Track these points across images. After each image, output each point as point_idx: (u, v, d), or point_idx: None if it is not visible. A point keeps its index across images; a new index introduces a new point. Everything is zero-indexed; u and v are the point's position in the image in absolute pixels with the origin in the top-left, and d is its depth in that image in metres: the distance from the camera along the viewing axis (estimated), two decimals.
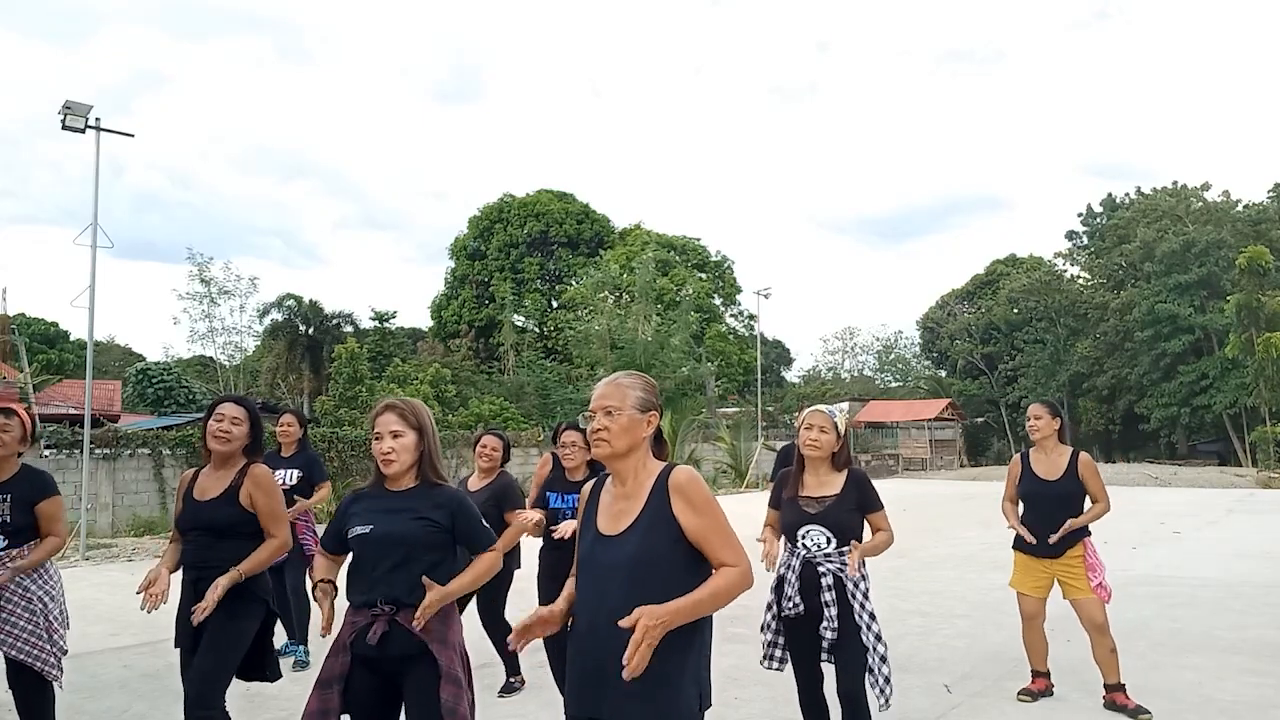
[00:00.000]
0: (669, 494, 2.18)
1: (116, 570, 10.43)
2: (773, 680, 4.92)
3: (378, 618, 2.68)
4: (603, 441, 2.23)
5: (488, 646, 5.19)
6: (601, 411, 2.24)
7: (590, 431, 2.27)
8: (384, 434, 2.80)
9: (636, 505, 2.19)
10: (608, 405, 2.24)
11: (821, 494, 3.66)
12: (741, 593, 2.09)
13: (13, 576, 3.66)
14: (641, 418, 2.26)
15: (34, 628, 3.69)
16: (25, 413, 3.93)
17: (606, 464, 2.29)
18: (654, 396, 2.32)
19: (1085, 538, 4.72)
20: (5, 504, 3.71)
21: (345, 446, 18.55)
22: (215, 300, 31.76)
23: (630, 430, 2.23)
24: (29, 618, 3.69)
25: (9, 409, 3.89)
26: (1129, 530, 12.64)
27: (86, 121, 12.19)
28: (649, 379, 2.37)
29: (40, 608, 3.74)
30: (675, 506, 2.16)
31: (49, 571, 3.88)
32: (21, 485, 3.78)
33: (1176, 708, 4.68)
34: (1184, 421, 41.58)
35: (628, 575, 2.11)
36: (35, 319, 41.23)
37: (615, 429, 2.22)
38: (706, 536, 2.13)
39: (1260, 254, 33.59)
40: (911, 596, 7.99)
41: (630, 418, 2.23)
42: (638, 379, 2.33)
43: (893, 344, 59.23)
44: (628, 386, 2.28)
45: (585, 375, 30.52)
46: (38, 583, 3.79)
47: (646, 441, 2.28)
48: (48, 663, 3.70)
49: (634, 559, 2.10)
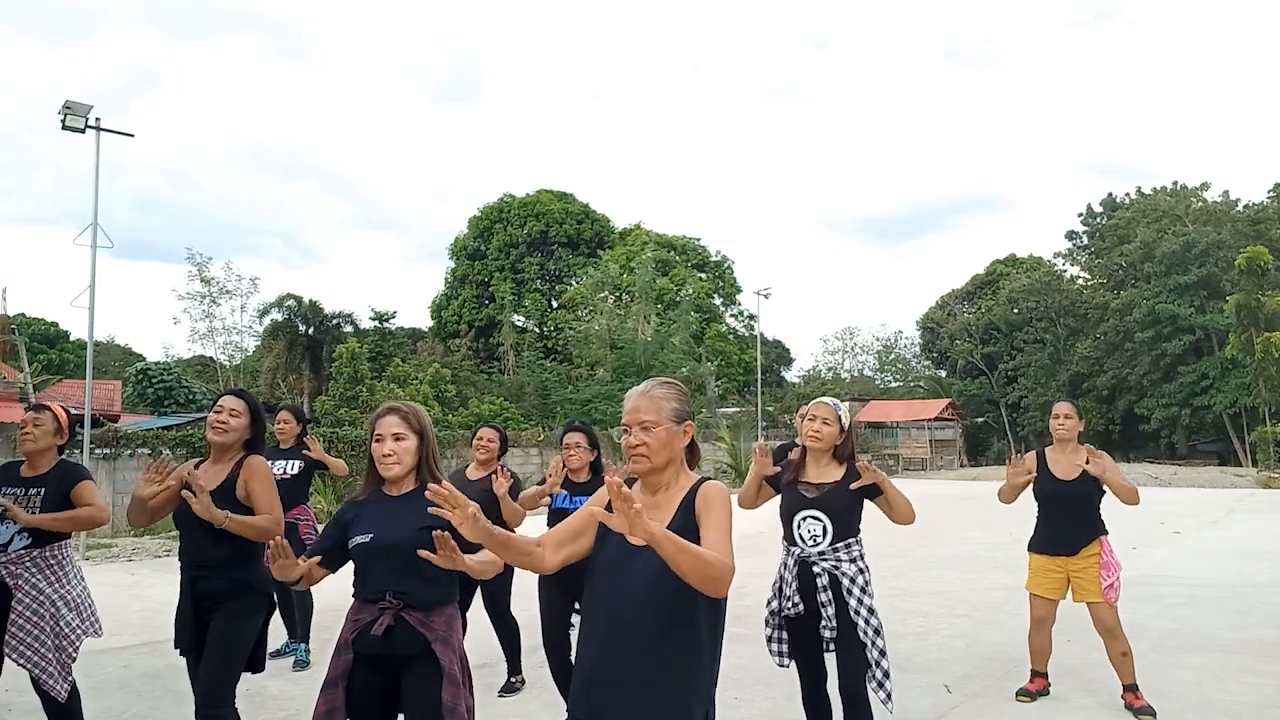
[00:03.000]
0: (695, 506, 2.16)
1: (116, 570, 10.44)
2: (773, 680, 4.92)
3: (385, 610, 2.68)
4: (642, 458, 2.19)
5: (487, 647, 5.20)
6: (638, 427, 2.19)
7: (627, 447, 2.22)
8: (385, 436, 2.79)
9: (665, 516, 2.16)
10: (643, 420, 2.19)
11: (821, 480, 3.65)
12: (712, 583, 1.99)
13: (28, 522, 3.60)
14: (678, 429, 2.22)
15: (40, 634, 3.60)
16: (59, 409, 3.94)
17: (643, 478, 2.26)
18: (688, 405, 2.28)
19: (1102, 535, 4.71)
20: (38, 496, 3.70)
21: (345, 446, 18.54)
22: (215, 300, 31.76)
23: (669, 444, 2.20)
24: (36, 622, 3.61)
25: (43, 405, 3.92)
26: (1129, 530, 12.62)
27: (86, 121, 12.18)
28: (681, 386, 2.32)
29: (50, 612, 3.64)
30: (697, 510, 2.14)
31: (67, 573, 3.79)
32: (56, 479, 3.78)
33: (1176, 708, 4.68)
34: (1184, 422, 41.54)
35: (649, 586, 2.08)
36: (35, 319, 41.24)
37: (654, 444, 2.18)
38: (707, 531, 2.10)
39: (1260, 254, 33.57)
40: (911, 596, 7.99)
41: (668, 431, 2.20)
42: (671, 388, 2.28)
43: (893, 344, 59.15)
44: (661, 398, 2.22)
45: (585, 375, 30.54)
46: (52, 584, 3.71)
47: (683, 452, 2.25)
48: (48, 673, 3.57)
49: (658, 570, 2.02)
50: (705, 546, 2.04)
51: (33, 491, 3.72)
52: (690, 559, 1.93)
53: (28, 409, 3.92)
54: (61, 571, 3.79)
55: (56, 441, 3.86)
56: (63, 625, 3.68)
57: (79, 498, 3.78)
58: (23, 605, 3.63)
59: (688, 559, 1.92)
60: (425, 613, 2.71)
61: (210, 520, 3.16)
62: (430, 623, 2.71)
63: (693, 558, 1.93)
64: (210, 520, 3.16)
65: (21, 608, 3.63)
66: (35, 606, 3.64)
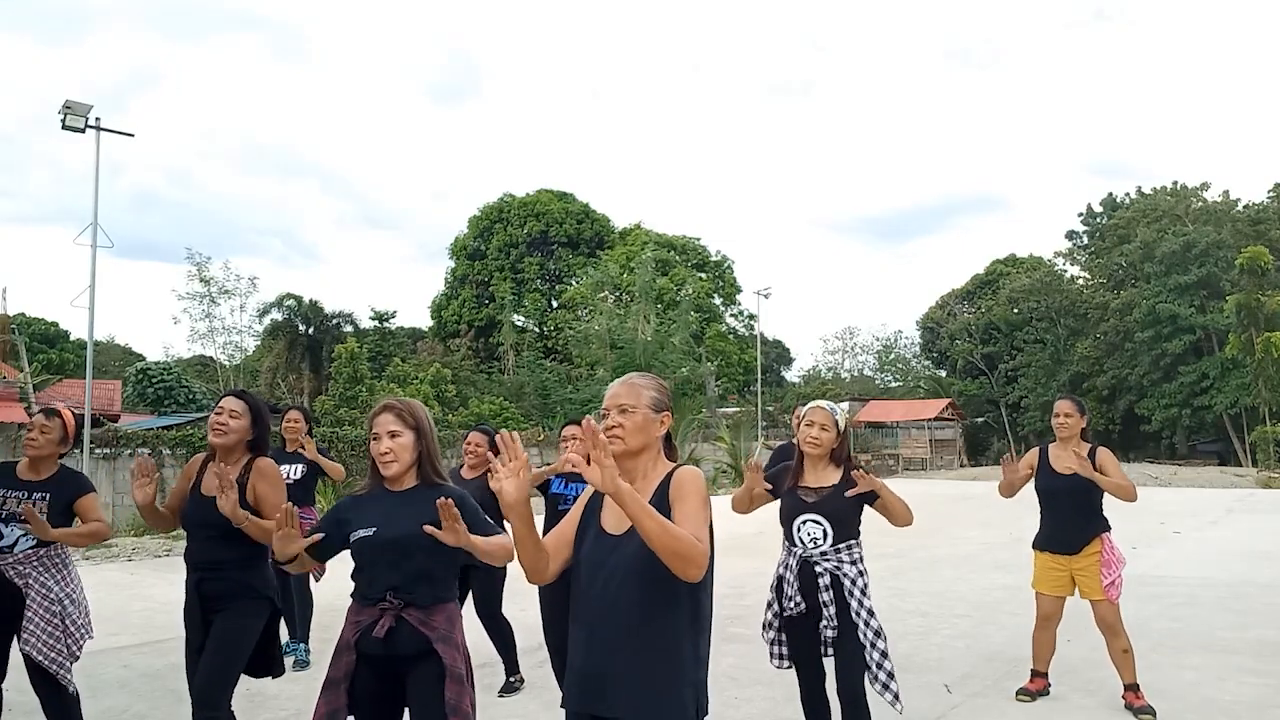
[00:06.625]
0: (668, 493, 2.18)
1: (116, 570, 10.43)
2: (773, 680, 4.92)
3: (385, 612, 2.68)
4: (616, 439, 2.24)
5: (488, 647, 5.20)
6: (616, 410, 2.26)
7: (604, 429, 2.26)
8: (382, 434, 2.81)
9: None
10: (622, 404, 2.27)
11: (819, 485, 3.66)
12: (681, 560, 1.99)
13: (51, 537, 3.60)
14: (655, 417, 2.29)
15: (53, 629, 3.66)
16: (70, 415, 3.93)
17: (618, 462, 2.28)
18: (667, 397, 2.34)
19: (1105, 533, 4.72)
20: (44, 502, 3.70)
21: (345, 446, 18.56)
22: (215, 300, 31.81)
23: (644, 429, 2.26)
24: (48, 618, 3.66)
25: (53, 410, 3.90)
26: (1129, 530, 12.61)
27: (86, 121, 12.21)
28: (661, 380, 2.39)
29: (60, 609, 3.70)
30: (670, 496, 2.17)
31: (70, 573, 3.84)
32: (59, 486, 3.78)
33: (1176, 708, 4.68)
34: (1184, 422, 41.55)
35: (628, 573, 2.12)
36: (35, 319, 41.25)
37: (630, 426, 2.25)
38: (679, 516, 2.11)
39: (1260, 254, 33.58)
40: (911, 596, 7.99)
41: (644, 416, 2.26)
42: (651, 380, 2.35)
43: (893, 344, 59.14)
44: (642, 386, 2.30)
45: (585, 375, 30.51)
46: (60, 583, 3.75)
47: (658, 442, 2.31)
48: (64, 665, 3.66)
49: (636, 557, 2.10)
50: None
51: (38, 496, 3.72)
52: (654, 524, 1.96)
53: (37, 413, 3.90)
54: (65, 571, 3.83)
55: (61, 449, 3.87)
56: (69, 623, 3.73)
57: (84, 511, 3.80)
58: (37, 604, 3.66)
59: (653, 524, 1.96)
60: (425, 612, 2.71)
61: (233, 520, 3.18)
62: (431, 622, 2.71)
63: (658, 524, 1.97)
64: (233, 520, 3.18)
65: (37, 605, 3.66)
66: (48, 604, 3.68)
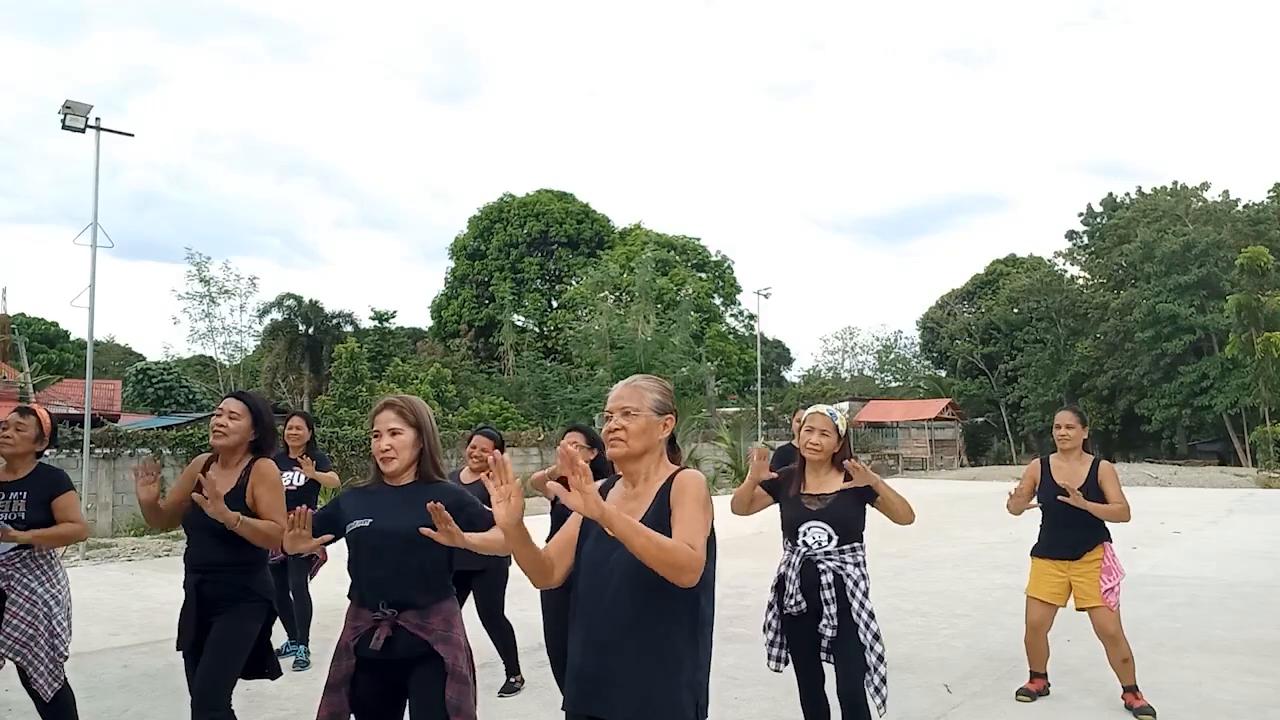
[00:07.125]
0: (669, 496, 2.18)
1: (116, 570, 10.43)
2: (773, 680, 4.91)
3: (380, 622, 2.69)
4: (619, 441, 2.23)
5: (487, 647, 5.19)
6: (619, 412, 2.25)
7: (606, 432, 2.27)
8: (382, 431, 2.81)
9: (642, 506, 2.20)
10: (625, 406, 2.25)
11: (822, 491, 3.66)
12: (674, 569, 1.98)
13: (23, 540, 3.61)
14: (658, 420, 2.27)
15: (34, 632, 3.63)
16: (45, 414, 3.92)
17: (620, 464, 2.29)
18: (670, 400, 2.33)
19: (1105, 541, 4.71)
20: (21, 501, 3.69)
21: (345, 446, 18.57)
22: (215, 300, 31.82)
23: (647, 432, 2.25)
24: (31, 621, 3.63)
25: (28, 408, 3.90)
26: (1129, 530, 12.60)
27: (86, 121, 12.20)
28: (665, 383, 2.38)
29: (44, 611, 3.67)
30: (671, 499, 2.17)
31: (56, 574, 3.82)
32: (37, 484, 3.77)
33: (1176, 708, 4.68)
34: (1184, 422, 41.53)
35: (627, 576, 2.11)
36: (35, 319, 41.27)
37: (633, 429, 2.24)
38: (677, 520, 2.11)
39: (1260, 254, 33.55)
40: (911, 596, 7.99)
41: (648, 419, 2.25)
42: (655, 382, 2.34)
43: (893, 344, 59.15)
44: (645, 389, 2.29)
45: (585, 375, 30.51)
46: (44, 584, 3.73)
47: (662, 444, 2.29)
48: (39, 671, 3.60)
49: (633, 563, 2.06)
50: (676, 536, 2.06)
51: (14, 496, 3.71)
52: (643, 540, 1.95)
53: (11, 412, 3.89)
54: (51, 573, 3.81)
55: (37, 447, 3.85)
56: (54, 625, 3.70)
57: (62, 510, 3.77)
58: (17, 605, 3.65)
59: (642, 541, 1.95)
60: (421, 614, 2.71)
61: (223, 521, 3.15)
62: (428, 624, 2.71)
63: (647, 540, 1.95)
64: (223, 521, 3.15)
65: (16, 608, 3.64)
66: (29, 606, 3.66)
